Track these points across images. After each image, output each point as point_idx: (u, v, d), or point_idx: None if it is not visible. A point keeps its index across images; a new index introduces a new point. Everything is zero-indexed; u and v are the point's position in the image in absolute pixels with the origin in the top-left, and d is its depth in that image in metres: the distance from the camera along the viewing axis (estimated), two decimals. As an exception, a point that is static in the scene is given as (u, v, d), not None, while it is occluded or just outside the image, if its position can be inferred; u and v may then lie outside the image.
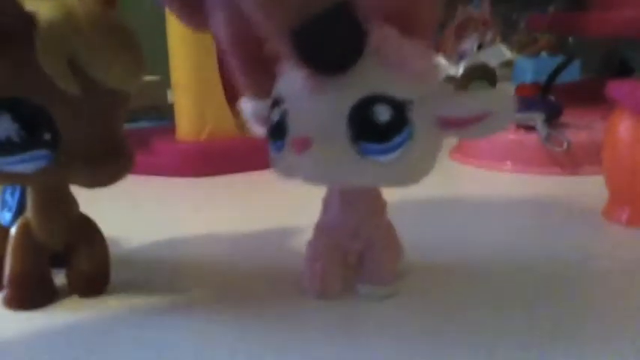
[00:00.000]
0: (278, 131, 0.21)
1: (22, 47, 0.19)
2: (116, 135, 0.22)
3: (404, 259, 0.26)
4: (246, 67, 0.21)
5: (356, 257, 0.24)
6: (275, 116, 0.22)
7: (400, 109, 0.20)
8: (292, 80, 0.21)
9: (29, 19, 0.19)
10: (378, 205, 0.24)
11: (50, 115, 0.20)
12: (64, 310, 0.24)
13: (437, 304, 0.24)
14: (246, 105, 0.25)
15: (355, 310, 0.23)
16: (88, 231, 0.25)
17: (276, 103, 0.22)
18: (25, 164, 0.20)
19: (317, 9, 0.17)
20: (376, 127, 0.20)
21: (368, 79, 0.20)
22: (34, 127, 0.20)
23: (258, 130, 0.25)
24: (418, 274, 0.26)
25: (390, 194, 0.24)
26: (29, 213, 0.23)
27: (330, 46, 0.19)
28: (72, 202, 0.24)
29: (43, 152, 0.20)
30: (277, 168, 0.22)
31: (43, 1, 0.21)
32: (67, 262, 0.25)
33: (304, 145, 0.20)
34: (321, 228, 0.24)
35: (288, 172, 0.22)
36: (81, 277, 0.25)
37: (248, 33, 0.19)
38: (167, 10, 0.44)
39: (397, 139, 0.20)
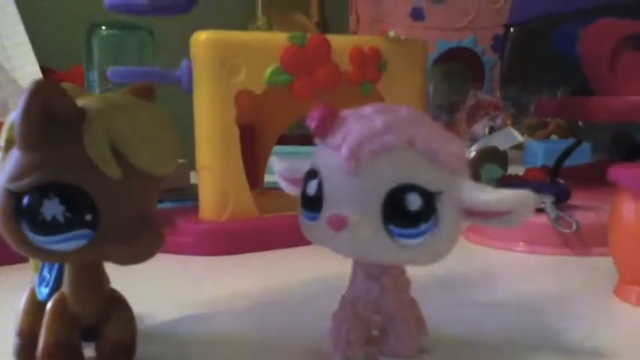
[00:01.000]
0: (313, 204, 0.23)
1: (71, 137, 0.22)
2: (150, 215, 0.24)
3: (427, 335, 0.27)
4: None
5: (378, 330, 0.25)
6: (311, 189, 0.24)
7: (430, 199, 0.22)
8: (329, 157, 0.23)
9: (80, 113, 0.22)
10: (400, 280, 0.26)
11: (91, 197, 0.22)
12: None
13: None
14: (279, 164, 0.27)
15: None
16: (118, 304, 0.26)
17: (312, 174, 0.24)
18: (67, 243, 0.22)
19: None
20: (406, 214, 0.22)
21: (404, 167, 0.22)
22: (78, 208, 0.22)
23: (286, 188, 0.27)
24: (438, 348, 0.27)
25: (412, 271, 0.26)
26: (65, 288, 0.25)
27: None
28: (105, 278, 0.26)
29: (84, 232, 0.22)
30: (310, 236, 0.25)
31: (89, 96, 0.24)
32: (97, 334, 0.26)
33: (341, 224, 0.22)
34: (346, 299, 0.26)
35: (322, 242, 0.24)
36: (110, 346, 0.26)
37: None
38: (195, 99, 0.48)
39: (424, 227, 0.22)
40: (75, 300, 0.25)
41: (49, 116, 0.21)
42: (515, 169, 0.65)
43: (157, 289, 0.38)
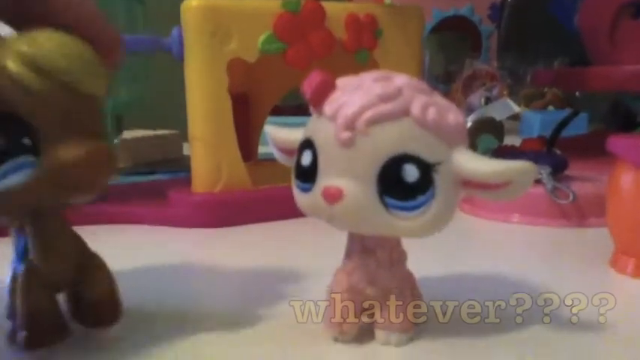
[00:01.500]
0: (307, 175, 0.23)
1: None
2: (98, 132, 0.23)
3: (423, 308, 0.26)
4: None
5: (373, 304, 0.25)
6: (306, 160, 0.23)
7: (428, 171, 0.21)
8: (324, 126, 0.22)
9: None
10: (395, 254, 0.25)
11: (24, 118, 0.21)
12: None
13: (453, 349, 0.25)
14: (273, 133, 0.26)
15: (372, 356, 0.24)
16: (93, 264, 0.25)
17: (307, 144, 0.23)
18: (11, 176, 0.21)
19: None
20: (403, 186, 0.21)
21: (400, 138, 0.21)
22: (11, 133, 0.21)
23: (281, 158, 0.27)
24: (434, 322, 0.27)
25: (408, 243, 0.25)
26: (33, 255, 0.24)
27: None
28: (74, 240, 0.25)
29: (26, 158, 0.21)
30: (303, 206, 0.24)
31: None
32: (75, 297, 0.25)
33: (336, 196, 0.21)
34: (341, 273, 0.25)
35: (316, 214, 0.23)
36: (91, 307, 0.25)
37: None
38: (186, 67, 0.46)
39: (421, 199, 0.21)
40: (45, 266, 0.24)
41: None
42: (512, 140, 0.65)
43: (149, 261, 0.38)
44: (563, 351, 0.24)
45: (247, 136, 0.56)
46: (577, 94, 0.91)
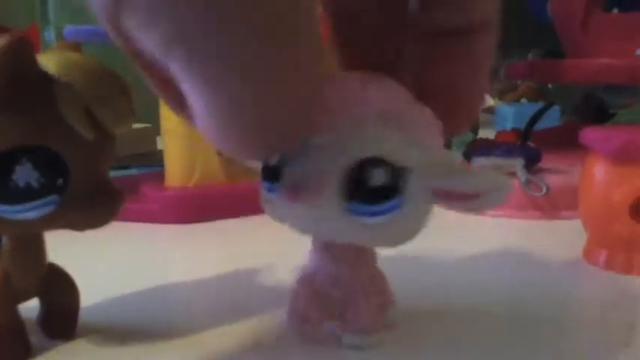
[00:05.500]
0: (273, 174, 0.22)
1: (41, 98, 0.21)
2: (107, 177, 0.23)
3: (394, 309, 0.26)
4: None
5: (339, 305, 0.24)
6: (272, 159, 0.22)
7: (396, 176, 0.20)
8: None
9: (45, 76, 0.21)
10: (361, 255, 0.24)
11: (65, 161, 0.21)
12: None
13: (421, 351, 0.24)
14: None
15: (336, 359, 0.23)
16: (58, 275, 0.25)
17: None
18: (35, 210, 0.21)
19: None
20: (369, 190, 0.20)
21: (370, 141, 0.20)
22: (52, 173, 0.21)
23: (252, 161, 0.25)
24: (405, 322, 0.26)
25: None
26: (6, 263, 0.23)
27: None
28: (45, 251, 0.25)
29: (53, 198, 0.21)
30: (267, 208, 0.23)
31: (47, 55, 0.22)
32: (41, 307, 0.25)
33: (298, 194, 0.20)
34: (305, 273, 0.25)
35: (278, 216, 0.22)
36: (55, 318, 0.25)
37: None
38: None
39: (388, 204, 0.20)
40: (16, 275, 0.24)
41: (19, 75, 0.20)
42: (486, 133, 0.65)
43: (122, 258, 0.37)
44: (535, 343, 0.24)
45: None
46: (549, 86, 0.92)
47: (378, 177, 0.20)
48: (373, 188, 0.20)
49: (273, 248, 0.38)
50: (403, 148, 0.20)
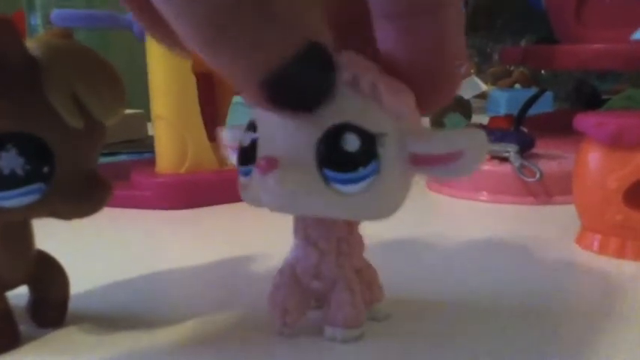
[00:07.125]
0: (247, 156, 0.21)
1: (27, 84, 0.20)
2: (96, 166, 0.23)
3: (382, 302, 0.25)
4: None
5: (320, 297, 0.24)
6: (246, 141, 0.21)
7: (370, 142, 0.19)
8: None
9: (30, 59, 0.21)
10: (345, 244, 0.23)
11: (50, 149, 0.21)
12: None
13: (406, 343, 0.23)
14: (225, 133, 0.25)
15: (317, 352, 0.23)
16: (47, 263, 0.25)
17: (249, 128, 0.21)
18: (20, 198, 0.21)
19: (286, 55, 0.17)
20: (342, 156, 0.19)
21: (342, 107, 0.19)
22: (38, 160, 0.20)
23: (235, 159, 0.24)
24: (393, 317, 0.25)
25: (368, 227, 0.24)
26: None
27: (304, 91, 0.18)
28: (33, 238, 0.24)
29: (38, 185, 0.21)
30: (243, 194, 0.22)
31: (35, 41, 0.22)
32: (30, 295, 0.25)
33: (270, 165, 0.19)
34: (286, 263, 0.24)
35: (253, 198, 0.21)
36: (44, 306, 0.25)
37: None
38: (147, 44, 0.45)
39: (362, 171, 0.19)
40: (3, 263, 0.23)
41: (2, 58, 0.20)
42: (479, 118, 0.65)
43: (112, 245, 0.37)
44: (529, 329, 0.24)
45: (213, 115, 0.55)
46: (542, 72, 0.92)
47: (351, 143, 0.19)
48: (348, 155, 0.19)
49: (264, 234, 0.38)
50: (376, 115, 0.19)
